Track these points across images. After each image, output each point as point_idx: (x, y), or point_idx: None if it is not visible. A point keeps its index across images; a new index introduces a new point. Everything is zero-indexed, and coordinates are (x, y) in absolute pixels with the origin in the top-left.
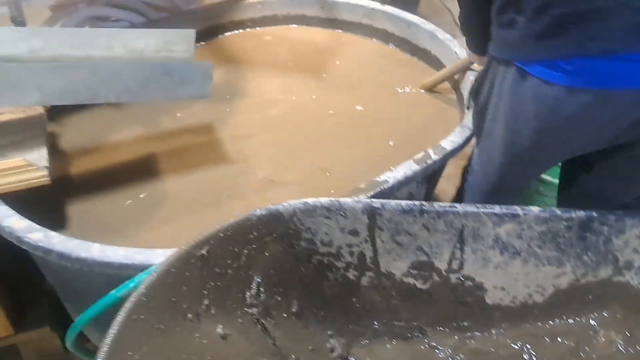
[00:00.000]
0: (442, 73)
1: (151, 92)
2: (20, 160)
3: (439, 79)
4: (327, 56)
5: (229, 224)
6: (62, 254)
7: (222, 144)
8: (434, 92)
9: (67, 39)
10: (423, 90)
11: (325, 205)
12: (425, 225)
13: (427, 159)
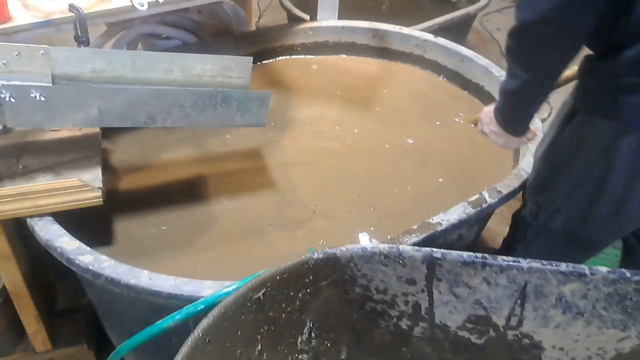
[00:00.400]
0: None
1: (208, 118)
2: (76, 181)
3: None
4: (376, 86)
5: (286, 267)
6: (111, 279)
7: (269, 171)
8: None
9: (128, 61)
10: (473, 125)
11: (384, 252)
12: (486, 279)
13: (482, 203)
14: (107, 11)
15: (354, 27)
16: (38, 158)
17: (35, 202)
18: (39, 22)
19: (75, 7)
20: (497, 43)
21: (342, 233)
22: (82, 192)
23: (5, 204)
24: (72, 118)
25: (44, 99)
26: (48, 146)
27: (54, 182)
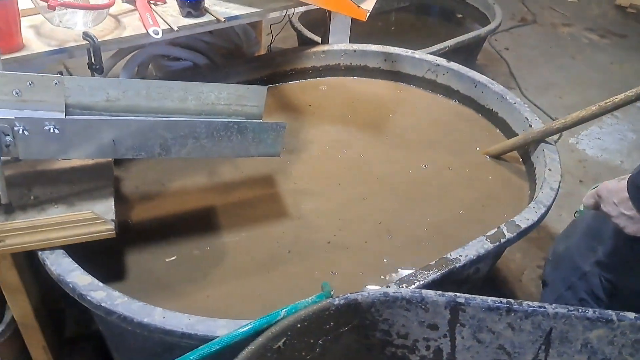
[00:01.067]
0: (512, 142)
1: (223, 149)
2: (89, 213)
3: (507, 147)
4: (388, 110)
5: (306, 314)
6: (124, 317)
7: (282, 198)
8: (500, 159)
9: (143, 89)
10: (489, 157)
11: (407, 297)
12: (510, 324)
13: (500, 237)
14: (120, 39)
15: (366, 51)
16: (50, 188)
17: (47, 235)
18: (53, 50)
19: (89, 35)
20: (505, 62)
21: (358, 264)
22: (95, 225)
23: (17, 237)
24: (86, 150)
25: (58, 131)
26: (60, 175)
27: (66, 214)
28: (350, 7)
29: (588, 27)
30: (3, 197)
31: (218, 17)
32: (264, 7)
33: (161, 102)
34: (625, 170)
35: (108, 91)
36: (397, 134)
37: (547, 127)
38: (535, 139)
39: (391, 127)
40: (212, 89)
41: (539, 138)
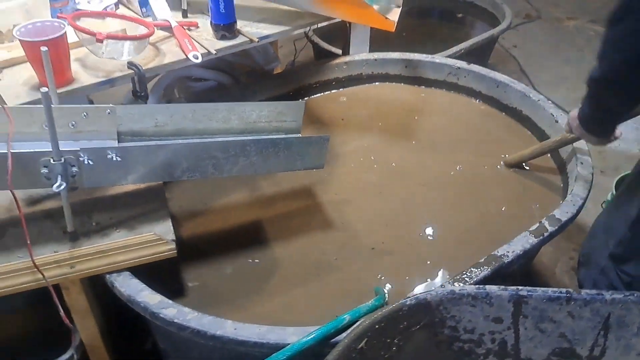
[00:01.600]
0: (530, 152)
1: (271, 165)
2: (151, 235)
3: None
4: (414, 115)
5: (382, 315)
6: (197, 331)
7: (323, 209)
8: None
9: (189, 113)
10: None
11: (472, 293)
12: (570, 313)
13: (543, 231)
14: (163, 66)
15: (386, 59)
16: (109, 213)
17: (113, 258)
18: (101, 82)
19: (134, 64)
20: (515, 60)
21: (403, 267)
22: (158, 246)
23: (86, 263)
24: (144, 174)
25: (120, 158)
26: (116, 201)
27: (130, 238)
28: (378, 20)
29: (592, 19)
30: (69, 225)
31: (251, 37)
32: (292, 24)
33: (206, 123)
34: None
35: (157, 117)
36: (427, 137)
37: (562, 137)
38: (552, 148)
39: (420, 131)
40: (253, 108)
41: (554, 148)
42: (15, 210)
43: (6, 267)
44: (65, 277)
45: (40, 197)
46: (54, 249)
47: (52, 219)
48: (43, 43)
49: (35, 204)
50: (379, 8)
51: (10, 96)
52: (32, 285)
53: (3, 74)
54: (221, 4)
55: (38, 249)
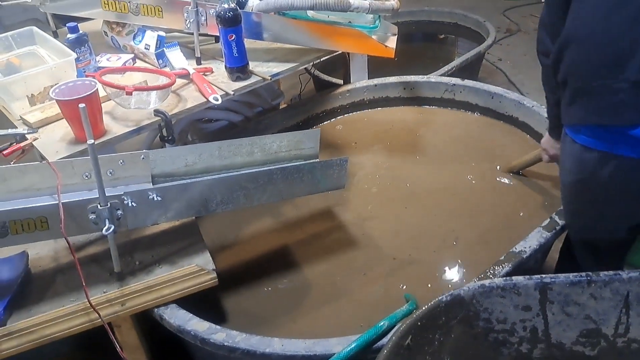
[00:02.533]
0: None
1: (297, 190)
2: (193, 267)
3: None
4: (419, 132)
5: (423, 313)
6: (247, 351)
7: (346, 228)
8: None
9: (215, 150)
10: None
11: (500, 285)
12: (592, 295)
13: (555, 225)
14: (186, 110)
15: (386, 83)
16: (149, 252)
17: (161, 292)
18: (132, 131)
19: (161, 111)
20: (502, 72)
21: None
22: (200, 276)
23: (135, 299)
24: (182, 210)
25: (160, 198)
26: (154, 240)
27: (174, 272)
28: (379, 48)
29: None
30: (116, 266)
31: (264, 76)
32: (299, 61)
33: (232, 159)
34: None
35: (187, 157)
36: (433, 152)
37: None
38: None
39: (426, 147)
40: (274, 139)
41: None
42: (60, 259)
43: (62, 311)
44: (117, 314)
45: (82, 244)
46: (103, 290)
47: (97, 263)
48: (80, 100)
49: (79, 251)
50: (378, 37)
51: (50, 152)
52: (87, 325)
53: (39, 133)
54: (234, 49)
55: (89, 290)
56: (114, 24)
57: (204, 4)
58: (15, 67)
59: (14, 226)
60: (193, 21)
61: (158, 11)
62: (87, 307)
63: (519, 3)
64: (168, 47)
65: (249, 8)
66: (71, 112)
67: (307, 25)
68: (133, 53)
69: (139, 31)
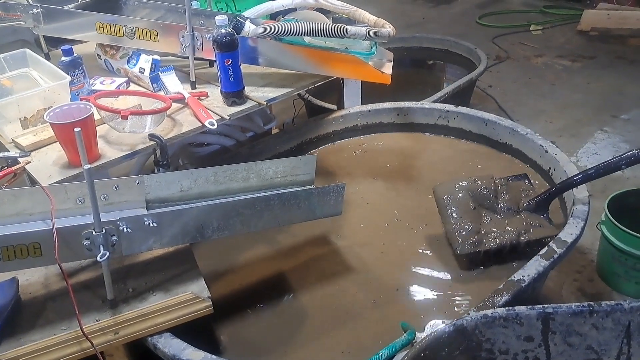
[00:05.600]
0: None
1: (293, 216)
2: (189, 295)
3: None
4: (412, 159)
5: (425, 343)
6: None
7: (342, 255)
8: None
9: (211, 176)
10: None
11: (503, 315)
12: (594, 325)
13: (553, 254)
14: (181, 135)
15: (379, 109)
16: (143, 279)
17: (154, 320)
18: (127, 155)
19: (156, 136)
20: (492, 98)
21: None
22: (195, 304)
23: (128, 328)
24: (178, 236)
25: (156, 224)
26: (148, 266)
27: (168, 299)
28: (375, 75)
29: (558, 55)
30: (109, 293)
31: (259, 101)
32: (294, 86)
33: (227, 184)
34: (627, 178)
35: (182, 182)
36: (426, 178)
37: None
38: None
39: (420, 173)
40: (270, 165)
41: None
42: (51, 285)
43: (53, 339)
44: (110, 343)
45: (74, 270)
46: (95, 318)
47: (89, 290)
48: (75, 124)
49: (70, 278)
50: (374, 64)
51: (43, 176)
52: (79, 355)
53: (32, 157)
54: (230, 74)
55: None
56: (107, 46)
57: (199, 28)
58: (7, 89)
59: (6, 252)
60: (189, 45)
61: (154, 35)
62: (79, 335)
63: (508, 31)
64: (163, 71)
65: (245, 33)
66: (66, 136)
67: (303, 51)
68: (127, 76)
69: (133, 54)
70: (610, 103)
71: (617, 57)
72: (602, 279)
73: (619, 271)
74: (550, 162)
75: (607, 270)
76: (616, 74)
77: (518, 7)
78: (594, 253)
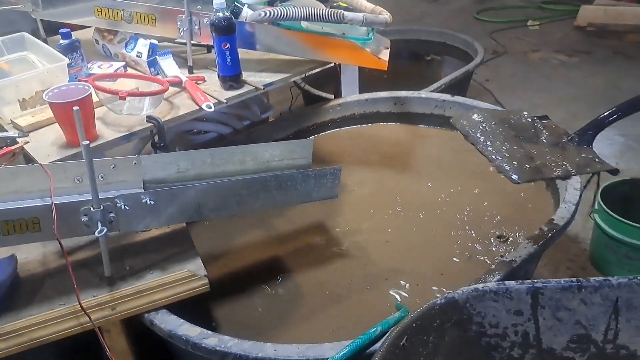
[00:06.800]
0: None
1: (290, 198)
2: (185, 272)
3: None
4: (409, 147)
5: (418, 315)
6: (239, 356)
7: (338, 240)
8: None
9: (208, 158)
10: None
11: (493, 289)
12: (583, 300)
13: (544, 236)
14: (179, 117)
15: (376, 98)
16: (140, 258)
17: (152, 297)
18: (124, 136)
19: (154, 117)
20: (489, 92)
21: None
22: (191, 282)
23: (125, 304)
24: (175, 215)
25: (153, 202)
26: (145, 246)
27: (165, 276)
28: (372, 60)
29: (555, 50)
30: (107, 270)
31: (257, 86)
32: (292, 71)
33: (224, 166)
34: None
35: (179, 163)
36: (421, 166)
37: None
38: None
39: (415, 161)
40: (266, 148)
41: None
42: (49, 263)
43: (51, 313)
44: (108, 319)
45: (72, 249)
46: (93, 294)
47: (87, 268)
48: (74, 103)
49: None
50: (371, 50)
51: (42, 156)
52: (77, 329)
53: (30, 137)
54: (228, 58)
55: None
56: (105, 31)
57: (197, 13)
58: (4, 72)
59: (6, 227)
60: (186, 30)
61: (152, 19)
62: (77, 310)
63: (506, 26)
64: (161, 55)
65: (243, 18)
66: (64, 115)
67: (300, 36)
68: (124, 61)
69: (131, 39)
70: (606, 97)
71: (613, 53)
72: (595, 267)
73: (611, 259)
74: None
75: (600, 258)
76: (612, 69)
77: (516, 2)
78: (587, 242)
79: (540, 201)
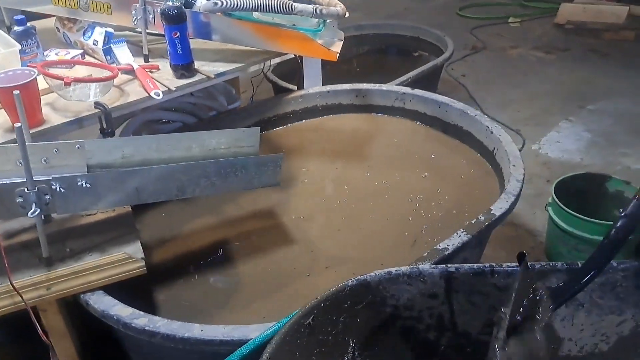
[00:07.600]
0: None
1: (230, 184)
2: (122, 254)
3: None
4: (367, 139)
5: (327, 295)
6: (166, 335)
7: (285, 228)
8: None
9: (154, 144)
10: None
11: (406, 272)
12: (495, 285)
13: (480, 225)
14: (127, 104)
15: (338, 90)
16: (81, 240)
17: (87, 278)
18: (70, 121)
19: (100, 104)
20: (464, 87)
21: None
22: (128, 264)
23: (61, 284)
24: (114, 199)
25: (90, 185)
26: (88, 229)
27: (102, 258)
28: (322, 52)
29: (534, 47)
30: (44, 251)
31: (208, 74)
32: (245, 61)
33: (170, 153)
34: (585, 166)
35: (124, 149)
36: (375, 158)
37: None
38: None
39: (370, 153)
40: (212, 136)
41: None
42: None
43: None
44: (42, 298)
45: (15, 231)
46: (30, 274)
47: (28, 249)
48: (15, 87)
49: (12, 237)
50: (324, 42)
51: None
52: (11, 308)
53: None
54: (178, 46)
55: (16, 275)
56: (65, 20)
57: (151, 2)
58: None
59: None
60: (140, 19)
61: (107, 8)
62: (10, 289)
63: (487, 23)
64: (115, 43)
65: (197, 8)
66: (7, 99)
67: (252, 27)
68: (83, 49)
69: (88, 27)
70: (579, 94)
71: (590, 50)
72: (548, 259)
73: (563, 251)
74: (495, 142)
75: (553, 250)
76: (587, 66)
77: None
78: (544, 235)
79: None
